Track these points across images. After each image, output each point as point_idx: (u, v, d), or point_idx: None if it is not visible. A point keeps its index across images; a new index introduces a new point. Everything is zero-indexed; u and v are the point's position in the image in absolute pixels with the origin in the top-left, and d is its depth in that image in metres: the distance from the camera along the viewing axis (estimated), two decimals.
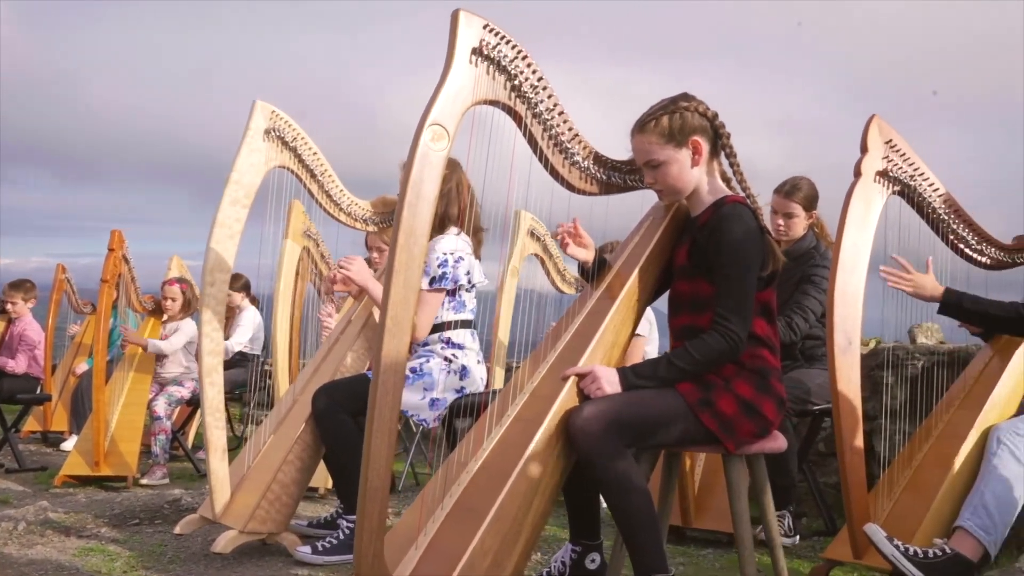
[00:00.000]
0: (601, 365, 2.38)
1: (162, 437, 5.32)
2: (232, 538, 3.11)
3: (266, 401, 6.15)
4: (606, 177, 2.64)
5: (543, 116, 2.45)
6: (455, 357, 3.37)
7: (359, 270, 3.44)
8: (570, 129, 2.52)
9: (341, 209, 3.65)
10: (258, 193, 3.26)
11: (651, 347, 4.46)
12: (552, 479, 2.30)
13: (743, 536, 2.42)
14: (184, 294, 5.77)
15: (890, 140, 3.01)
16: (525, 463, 2.25)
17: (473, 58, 2.26)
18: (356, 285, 3.54)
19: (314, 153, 3.43)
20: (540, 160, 2.51)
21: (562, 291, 5.08)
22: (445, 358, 3.36)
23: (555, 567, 2.78)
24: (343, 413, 3.22)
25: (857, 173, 3.00)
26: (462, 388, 3.37)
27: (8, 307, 6.46)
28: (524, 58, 2.35)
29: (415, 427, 5.13)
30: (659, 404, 2.31)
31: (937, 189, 3.09)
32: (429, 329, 3.35)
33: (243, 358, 6.27)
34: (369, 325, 3.70)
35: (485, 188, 2.51)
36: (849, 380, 2.92)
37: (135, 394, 5.51)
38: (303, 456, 3.31)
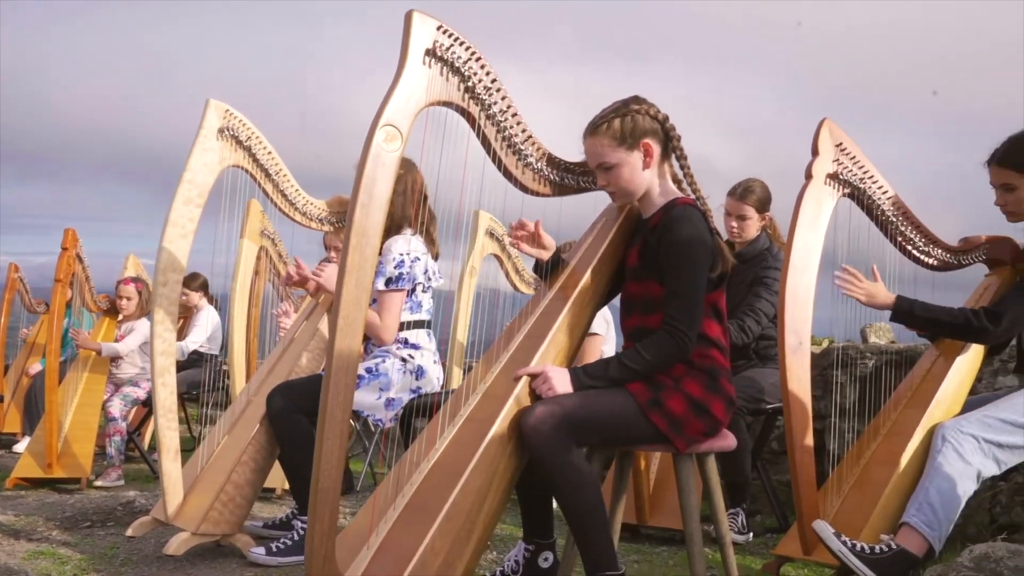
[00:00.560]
0: (553, 365, 2.40)
1: (117, 438, 5.25)
2: (185, 540, 3.08)
3: (223, 401, 6.10)
4: (559, 178, 2.66)
5: (496, 117, 2.46)
6: (411, 357, 3.37)
7: (329, 277, 3.43)
8: (524, 131, 2.54)
9: (296, 209, 3.64)
10: (213, 192, 3.24)
11: (609, 347, 4.49)
12: (504, 479, 2.31)
13: (692, 533, 2.46)
14: (140, 294, 5.70)
15: (840, 144, 3.07)
16: (477, 463, 2.27)
17: (427, 59, 2.27)
18: (328, 293, 3.54)
19: (269, 152, 3.41)
20: (494, 161, 2.52)
21: (520, 291, 5.10)
22: (401, 358, 3.36)
23: (508, 566, 2.80)
24: (298, 413, 3.20)
25: (808, 175, 3.05)
26: (418, 388, 3.37)
27: None
28: (478, 59, 2.36)
29: (373, 427, 5.12)
30: (610, 404, 2.33)
31: (886, 192, 3.16)
32: (395, 330, 3.34)
33: (200, 358, 6.21)
34: (325, 325, 3.69)
35: (441, 189, 2.52)
36: (799, 379, 2.96)
37: (89, 395, 5.43)
38: (257, 457, 3.29)
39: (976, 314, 2.94)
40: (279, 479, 4.56)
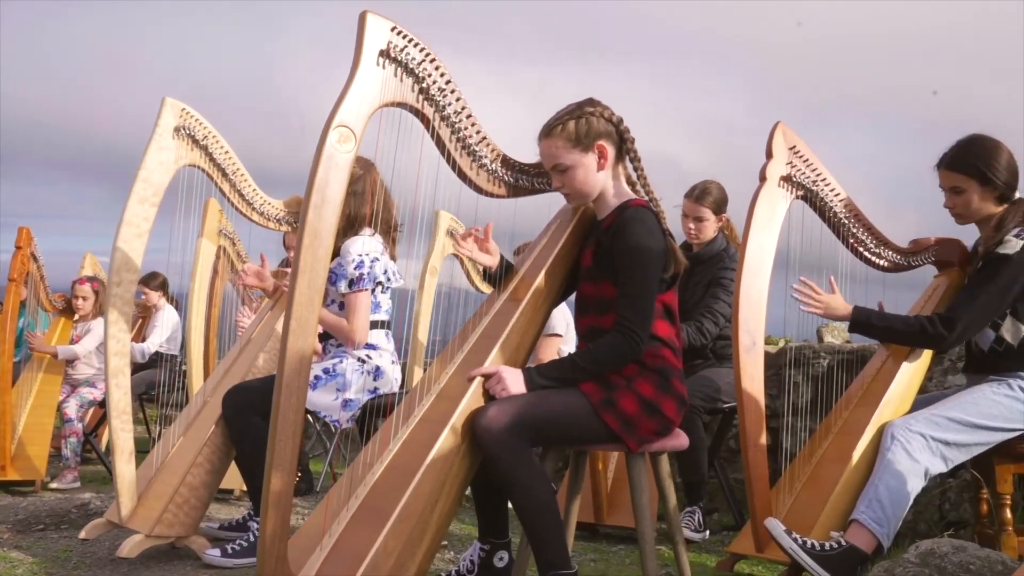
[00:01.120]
0: (506, 366, 2.41)
1: (73, 440, 5.19)
2: (138, 542, 3.05)
3: (182, 402, 6.05)
4: (514, 180, 2.67)
5: (451, 119, 2.47)
6: (369, 358, 3.36)
7: None
8: (478, 132, 2.54)
9: (254, 208, 3.62)
10: (170, 191, 3.21)
11: (568, 347, 4.51)
12: (457, 479, 2.32)
13: (644, 532, 2.48)
14: (96, 293, 5.63)
15: (794, 146, 3.11)
16: (430, 463, 2.28)
17: (380, 60, 2.27)
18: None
19: (226, 152, 3.39)
20: (448, 162, 2.53)
21: (480, 291, 5.10)
22: (359, 359, 3.35)
23: (463, 565, 2.80)
24: (254, 415, 3.18)
25: (762, 178, 3.10)
26: (376, 389, 3.37)
27: None
28: (432, 61, 2.37)
29: (333, 428, 5.10)
30: (563, 404, 2.35)
31: (838, 194, 3.21)
32: (367, 330, 3.34)
33: (159, 358, 6.15)
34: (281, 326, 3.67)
35: (396, 188, 2.52)
36: (753, 379, 3.01)
37: (44, 396, 5.35)
38: (213, 459, 3.27)
39: (931, 321, 2.98)
40: (237, 480, 4.52)
